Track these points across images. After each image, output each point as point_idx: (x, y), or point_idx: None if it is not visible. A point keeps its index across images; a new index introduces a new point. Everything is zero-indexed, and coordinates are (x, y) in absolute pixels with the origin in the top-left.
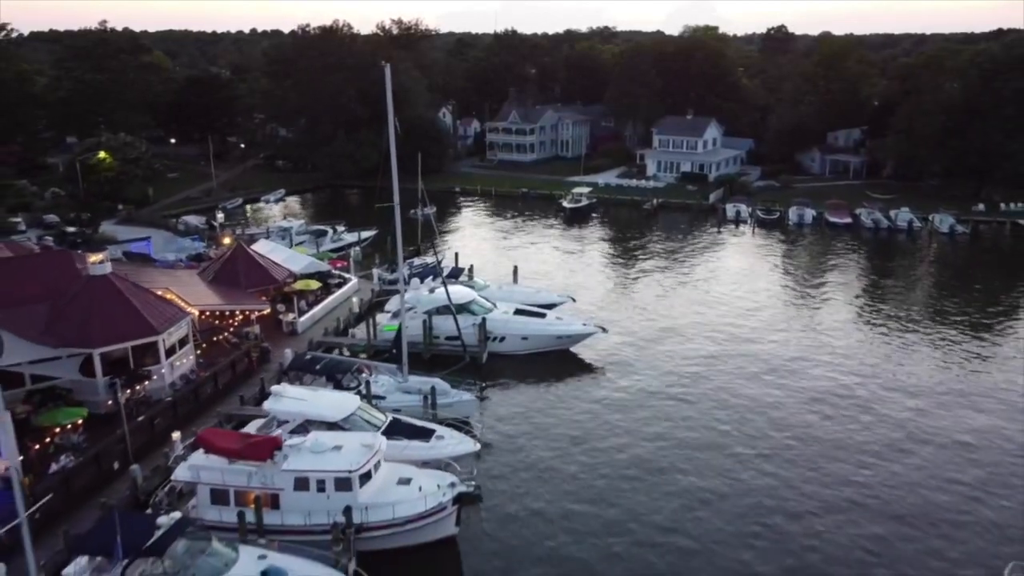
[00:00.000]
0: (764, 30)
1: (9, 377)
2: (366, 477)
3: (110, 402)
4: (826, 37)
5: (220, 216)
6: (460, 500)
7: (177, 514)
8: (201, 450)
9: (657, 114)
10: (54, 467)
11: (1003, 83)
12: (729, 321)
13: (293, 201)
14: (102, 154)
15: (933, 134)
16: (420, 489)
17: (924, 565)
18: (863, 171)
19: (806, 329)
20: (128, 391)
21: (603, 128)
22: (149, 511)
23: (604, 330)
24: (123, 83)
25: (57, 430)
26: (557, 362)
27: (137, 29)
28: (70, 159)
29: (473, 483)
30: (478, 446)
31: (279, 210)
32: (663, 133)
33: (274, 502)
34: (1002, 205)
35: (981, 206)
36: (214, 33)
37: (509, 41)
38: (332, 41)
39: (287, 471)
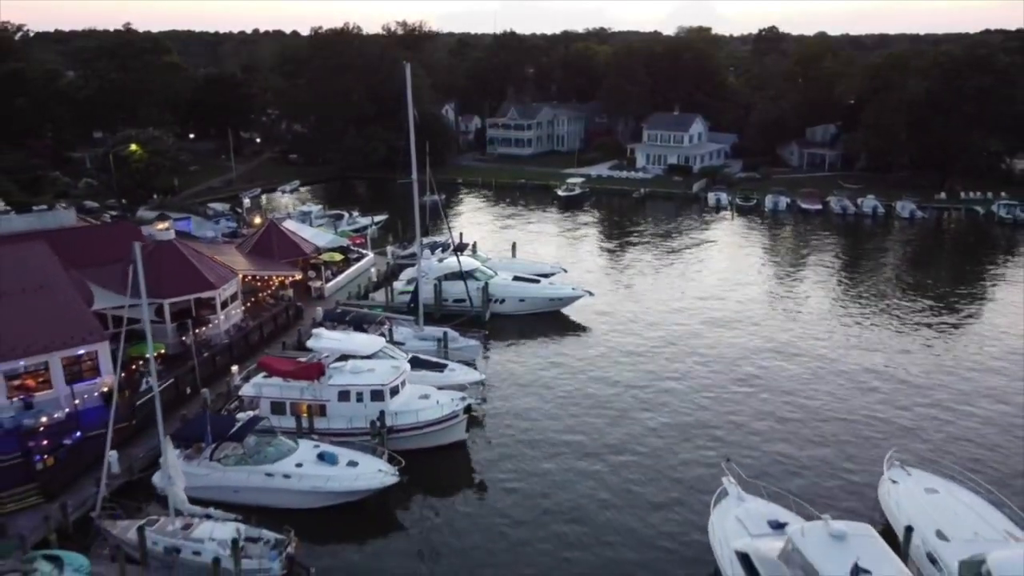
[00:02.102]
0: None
1: (99, 319)
2: (395, 391)
3: (184, 339)
4: (804, 38)
5: (247, 202)
6: (469, 410)
7: (252, 413)
8: (262, 373)
9: (647, 111)
10: (144, 386)
11: (963, 82)
12: (704, 289)
13: (306, 191)
14: (133, 146)
15: (899, 129)
16: (437, 402)
17: (840, 452)
18: (838, 163)
19: (773, 296)
20: (195, 332)
21: (597, 124)
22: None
23: (591, 293)
24: (146, 82)
25: (142, 361)
26: (550, 321)
27: (140, 30)
28: (103, 151)
29: (480, 398)
30: (484, 376)
31: (290, 199)
32: (652, 128)
33: (322, 411)
34: (962, 194)
35: (943, 195)
36: (216, 33)
37: (508, 42)
38: (343, 42)
39: (332, 386)
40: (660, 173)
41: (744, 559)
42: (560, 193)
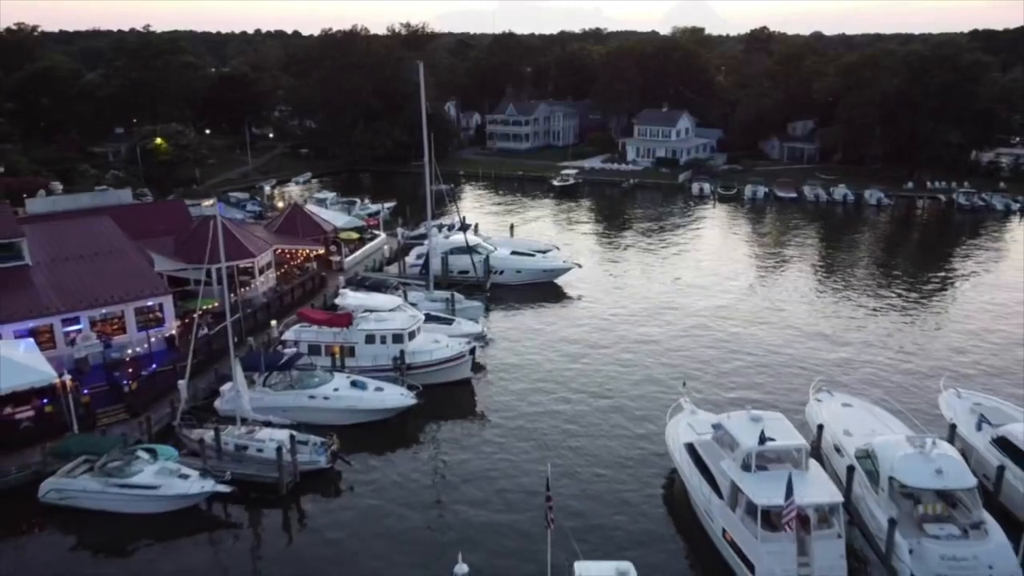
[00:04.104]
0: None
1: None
2: (412, 335)
3: (233, 296)
4: (787, 38)
5: (267, 189)
6: (473, 352)
7: (295, 349)
8: (300, 323)
9: (638, 108)
10: (201, 333)
11: (929, 79)
12: (683, 264)
13: (316, 183)
14: (158, 140)
15: (870, 123)
16: (447, 345)
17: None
18: (816, 156)
19: (745, 269)
20: (239, 292)
21: (590, 120)
22: None
23: (579, 266)
24: (166, 80)
25: (198, 313)
26: (543, 289)
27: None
28: (131, 145)
29: (482, 344)
30: (486, 328)
31: (302, 189)
32: (642, 124)
33: (351, 352)
34: (928, 184)
35: (910, 184)
36: (219, 34)
37: (507, 43)
38: (352, 43)
39: (360, 330)
40: (649, 165)
41: (690, 448)
42: (555, 183)
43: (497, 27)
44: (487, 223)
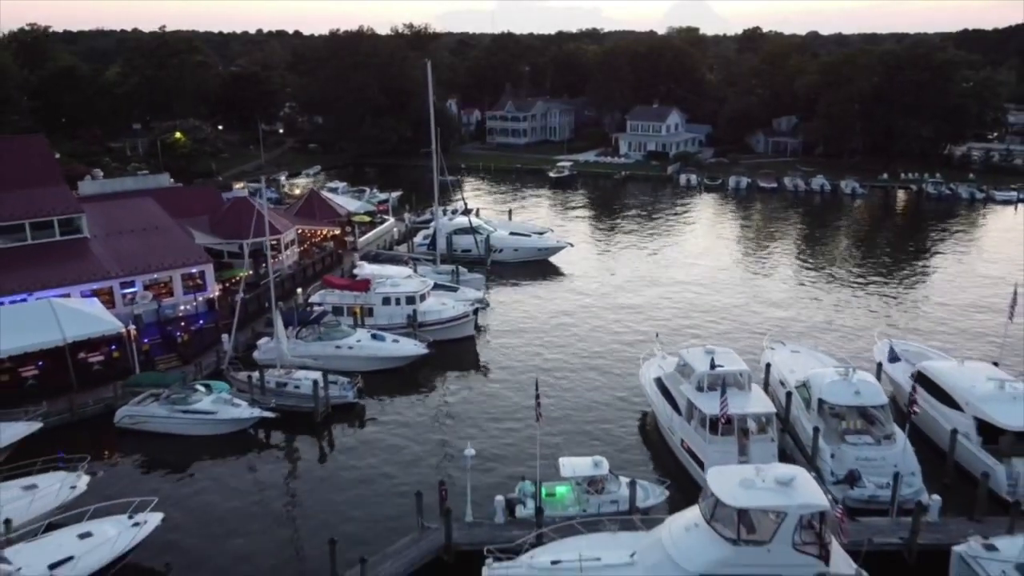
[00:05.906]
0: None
1: None
2: (423, 297)
3: (263, 267)
4: (776, 37)
5: (282, 180)
6: (476, 312)
7: (322, 308)
8: (323, 289)
9: (630, 104)
10: (237, 298)
11: (904, 77)
12: (666, 245)
13: (325, 175)
14: (178, 134)
15: (851, 119)
16: (453, 307)
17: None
18: (799, 150)
19: (723, 249)
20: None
21: (585, 116)
22: None
23: (571, 244)
24: (182, 78)
25: (242, 277)
26: (538, 266)
27: (145, 31)
28: (151, 139)
29: (484, 306)
30: (486, 295)
31: (310, 182)
32: (634, 119)
33: (370, 312)
34: (902, 175)
35: (885, 175)
36: (220, 33)
37: (505, 43)
38: (358, 43)
39: (377, 294)
40: (640, 159)
41: (658, 381)
42: (551, 175)
43: (496, 27)
44: (488, 210)
